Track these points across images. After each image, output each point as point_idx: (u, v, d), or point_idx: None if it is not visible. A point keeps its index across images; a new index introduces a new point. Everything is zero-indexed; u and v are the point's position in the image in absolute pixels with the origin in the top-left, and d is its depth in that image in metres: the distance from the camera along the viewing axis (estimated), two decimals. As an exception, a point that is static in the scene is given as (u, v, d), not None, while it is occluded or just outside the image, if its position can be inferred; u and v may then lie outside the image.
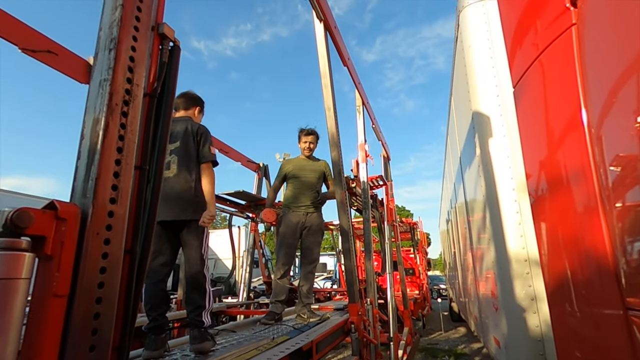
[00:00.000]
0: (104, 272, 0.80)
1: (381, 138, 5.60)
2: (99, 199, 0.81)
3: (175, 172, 2.18)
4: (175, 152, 2.22)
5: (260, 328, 2.83)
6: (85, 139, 0.85)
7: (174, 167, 2.20)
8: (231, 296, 7.03)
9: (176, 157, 2.21)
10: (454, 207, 6.18)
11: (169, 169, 2.18)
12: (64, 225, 0.74)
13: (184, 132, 2.28)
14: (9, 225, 0.65)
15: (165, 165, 2.15)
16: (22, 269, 0.66)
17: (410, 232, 10.22)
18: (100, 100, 0.86)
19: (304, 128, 3.47)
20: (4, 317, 0.62)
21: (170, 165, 2.19)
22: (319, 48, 2.90)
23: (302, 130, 3.48)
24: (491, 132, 2.46)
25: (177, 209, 2.12)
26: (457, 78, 3.69)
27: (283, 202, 3.38)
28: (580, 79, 1.33)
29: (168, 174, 2.17)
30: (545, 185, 1.75)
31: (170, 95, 1.08)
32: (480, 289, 3.64)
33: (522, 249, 2.21)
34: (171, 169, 2.19)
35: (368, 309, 3.24)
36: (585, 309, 1.36)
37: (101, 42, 0.92)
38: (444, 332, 8.86)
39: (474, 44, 2.61)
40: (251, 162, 5.69)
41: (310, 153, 3.47)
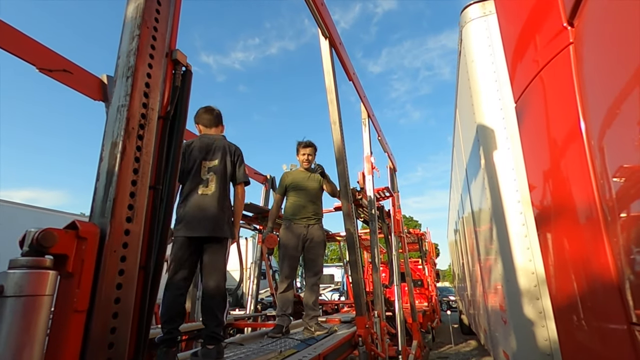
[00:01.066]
0: (120, 288, 0.85)
1: (387, 150, 5.64)
2: (116, 218, 0.85)
3: (213, 190, 2.25)
4: (214, 171, 2.29)
5: (267, 341, 2.84)
6: (103, 162, 0.90)
7: (212, 185, 2.26)
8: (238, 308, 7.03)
9: (215, 176, 2.28)
10: (461, 218, 6.15)
11: (207, 187, 2.25)
12: (85, 244, 0.78)
13: (223, 151, 2.36)
14: (35, 244, 0.70)
15: (203, 182, 2.24)
16: (47, 286, 0.70)
17: (418, 243, 10.15)
18: (118, 124, 0.92)
19: (302, 141, 3.52)
20: (29, 332, 0.66)
21: (208, 183, 2.25)
22: (325, 64, 2.97)
23: (299, 142, 3.52)
24: (495, 144, 2.48)
25: (211, 226, 2.18)
26: (461, 91, 3.73)
27: (284, 215, 3.39)
28: (579, 95, 1.36)
29: (206, 191, 2.23)
30: (548, 197, 1.76)
31: (183, 118, 1.14)
32: (489, 301, 3.60)
33: (529, 262, 2.21)
34: (209, 187, 2.25)
35: (376, 321, 3.23)
36: (591, 323, 1.36)
37: (119, 70, 0.98)
38: (454, 345, 8.71)
39: (476, 59, 2.66)
40: (258, 175, 5.76)
41: (309, 165, 3.50)
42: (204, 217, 2.16)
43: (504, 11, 2.07)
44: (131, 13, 1.02)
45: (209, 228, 2.17)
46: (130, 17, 1.02)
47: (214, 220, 2.19)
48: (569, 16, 1.38)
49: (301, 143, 3.51)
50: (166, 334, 1.97)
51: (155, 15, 1.05)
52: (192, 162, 2.27)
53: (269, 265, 6.59)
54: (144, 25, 1.01)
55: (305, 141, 3.51)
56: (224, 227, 2.22)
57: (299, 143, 3.53)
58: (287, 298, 3.17)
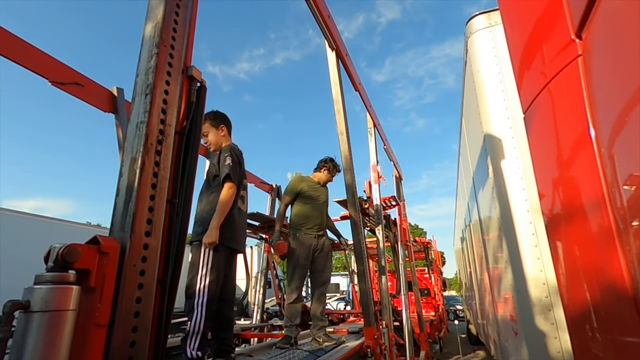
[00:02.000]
0: (139, 302, 0.86)
1: (393, 158, 5.65)
2: (136, 232, 0.87)
3: (245, 208, 2.41)
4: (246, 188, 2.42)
5: (276, 352, 2.83)
6: (123, 177, 0.92)
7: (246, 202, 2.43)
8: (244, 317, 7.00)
9: (246, 194, 2.43)
10: (468, 226, 6.11)
11: (244, 204, 2.39)
12: (106, 258, 0.80)
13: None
14: (60, 260, 0.72)
15: (241, 199, 2.33)
16: (70, 301, 0.72)
17: (424, 252, 10.08)
18: (137, 141, 0.94)
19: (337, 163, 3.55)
20: (55, 347, 0.68)
21: (245, 200, 2.39)
22: (331, 75, 3.00)
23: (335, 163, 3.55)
24: (503, 154, 2.48)
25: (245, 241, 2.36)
26: (467, 100, 3.75)
27: (292, 223, 3.35)
28: (588, 106, 1.37)
29: (243, 208, 2.37)
30: (559, 206, 1.76)
31: (198, 132, 1.16)
32: (498, 311, 3.56)
33: (539, 272, 2.19)
34: (245, 204, 2.40)
35: (384, 332, 3.21)
36: (606, 335, 1.35)
37: (138, 87, 1.01)
38: (462, 355, 8.57)
39: (483, 69, 2.67)
40: (264, 184, 5.79)
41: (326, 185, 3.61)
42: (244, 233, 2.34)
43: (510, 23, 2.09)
44: (149, 32, 1.05)
45: (244, 243, 2.35)
46: (149, 36, 1.05)
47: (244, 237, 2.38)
48: (577, 29, 1.39)
49: (337, 165, 3.55)
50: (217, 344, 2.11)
51: (172, 34, 1.08)
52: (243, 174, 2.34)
53: (275, 275, 6.57)
54: (162, 44, 1.04)
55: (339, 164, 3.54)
56: None
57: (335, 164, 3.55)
58: (296, 309, 3.16)
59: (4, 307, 0.66)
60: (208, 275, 1.99)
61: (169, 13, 1.08)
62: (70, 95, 3.12)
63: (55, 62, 3.03)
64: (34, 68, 2.81)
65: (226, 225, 2.11)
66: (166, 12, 1.07)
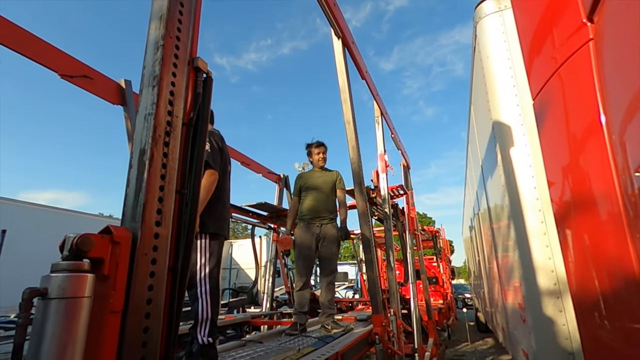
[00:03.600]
0: (151, 290, 0.88)
1: (400, 147, 5.61)
2: (146, 222, 0.89)
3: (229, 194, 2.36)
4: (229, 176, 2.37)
5: (285, 339, 2.88)
6: (133, 168, 0.94)
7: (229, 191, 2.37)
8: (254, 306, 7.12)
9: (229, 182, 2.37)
10: (477, 215, 6.08)
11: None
12: (118, 247, 0.82)
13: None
14: (74, 249, 0.74)
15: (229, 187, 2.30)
16: (86, 289, 0.74)
17: (433, 240, 10.08)
18: (145, 132, 0.96)
19: (312, 142, 3.59)
20: (72, 332, 0.70)
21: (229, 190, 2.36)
22: (338, 64, 2.98)
23: (310, 144, 3.59)
24: (513, 141, 2.45)
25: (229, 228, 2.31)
26: (475, 87, 3.69)
27: (299, 215, 3.45)
28: (599, 91, 1.34)
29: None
30: (569, 194, 1.74)
31: (205, 123, 1.17)
32: (507, 299, 3.57)
33: (548, 260, 2.18)
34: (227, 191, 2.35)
35: (392, 319, 3.24)
36: (614, 322, 1.35)
37: (145, 79, 1.02)
38: (470, 343, 8.63)
39: (492, 55, 2.62)
40: (272, 174, 5.82)
41: (324, 163, 3.58)
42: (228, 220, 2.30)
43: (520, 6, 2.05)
44: (155, 24, 1.06)
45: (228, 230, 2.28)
46: (154, 27, 1.05)
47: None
48: (588, 12, 1.36)
49: (312, 144, 3.58)
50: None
51: (178, 25, 1.09)
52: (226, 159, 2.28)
53: (284, 264, 6.65)
54: (168, 35, 1.04)
55: (316, 142, 3.58)
56: None
57: (310, 145, 3.60)
58: (304, 296, 3.21)
59: (23, 294, 0.69)
60: (208, 264, 2.01)
61: (174, 4, 1.08)
62: (79, 87, 3.16)
63: (64, 55, 3.05)
64: (43, 61, 2.84)
65: (221, 214, 2.13)
66: (171, 4, 1.07)
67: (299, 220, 3.39)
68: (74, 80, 3.13)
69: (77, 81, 3.17)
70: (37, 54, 2.84)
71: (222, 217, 2.15)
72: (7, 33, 2.40)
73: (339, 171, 3.61)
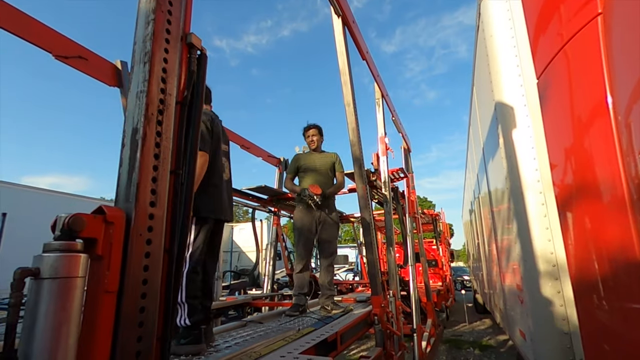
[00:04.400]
0: (147, 270, 0.88)
1: (401, 130, 5.56)
2: (140, 202, 0.88)
3: (228, 176, 2.32)
4: (226, 156, 2.33)
5: (285, 320, 2.92)
6: (125, 148, 0.92)
7: (227, 171, 2.31)
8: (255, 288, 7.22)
9: (228, 162, 2.33)
10: (477, 198, 6.08)
11: (225, 172, 2.28)
12: (112, 228, 0.81)
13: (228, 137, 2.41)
14: (66, 229, 0.73)
15: (222, 167, 2.25)
16: (79, 268, 0.73)
17: (433, 224, 10.12)
18: (137, 110, 0.93)
19: (305, 127, 3.64)
20: (65, 312, 0.70)
21: (225, 169, 2.29)
22: (338, 44, 2.91)
23: (304, 128, 3.64)
24: (515, 122, 2.41)
25: (230, 210, 2.27)
26: (478, 68, 3.61)
27: (297, 197, 3.44)
28: (606, 69, 1.30)
29: (225, 177, 2.28)
30: (571, 176, 1.72)
31: (199, 102, 1.14)
32: (505, 281, 3.60)
33: (548, 242, 2.18)
34: (226, 173, 2.30)
35: (391, 301, 3.27)
36: (613, 303, 1.35)
37: (136, 56, 0.99)
38: (468, 323, 8.79)
39: (496, 34, 2.55)
40: (272, 157, 5.79)
41: (315, 146, 3.57)
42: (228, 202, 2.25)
43: (527, -19, 1.97)
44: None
45: (230, 212, 2.26)
46: (145, 1, 1.01)
47: (230, 205, 2.28)
48: (598, -16, 1.30)
49: (304, 128, 3.63)
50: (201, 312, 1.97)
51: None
52: (217, 140, 2.21)
53: (284, 247, 6.70)
54: (159, 9, 1.00)
55: (307, 125, 3.62)
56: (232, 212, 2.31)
57: (303, 129, 3.65)
58: (304, 278, 3.24)
59: (14, 273, 0.68)
60: (190, 246, 1.98)
61: (165, -24, 1.04)
62: (75, 69, 3.10)
63: (58, 35, 2.98)
64: (37, 42, 2.78)
65: (211, 196, 2.08)
66: (162, -25, 1.02)
67: (299, 202, 3.38)
68: (68, 61, 3.07)
69: (72, 62, 3.10)
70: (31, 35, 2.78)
71: (212, 199, 2.09)
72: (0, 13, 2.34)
73: (337, 153, 3.60)
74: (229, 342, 1.99)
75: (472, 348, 6.20)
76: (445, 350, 6.22)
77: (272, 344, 1.96)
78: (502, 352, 5.93)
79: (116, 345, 0.79)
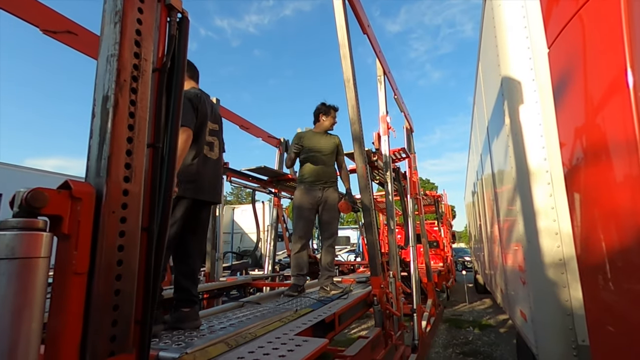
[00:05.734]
0: (122, 250, 0.81)
1: (404, 109, 5.42)
2: (112, 177, 0.80)
3: (217, 156, 2.22)
4: (217, 135, 2.24)
5: (283, 300, 2.91)
6: (96, 117, 0.84)
7: (217, 150, 2.22)
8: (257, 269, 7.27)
9: (217, 140, 2.23)
10: (480, 179, 5.99)
11: (213, 151, 2.19)
12: (79, 204, 0.74)
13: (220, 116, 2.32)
14: (25, 205, 0.66)
15: (209, 146, 2.16)
16: (41, 248, 0.67)
17: (435, 205, 10.08)
18: (108, 76, 0.84)
19: (332, 105, 3.46)
20: (27, 294, 0.64)
21: (213, 148, 2.20)
22: (337, 15, 2.76)
23: (331, 106, 3.46)
24: (522, 98, 2.29)
25: (215, 191, 2.18)
26: (485, 41, 3.45)
27: (299, 177, 3.39)
28: (627, 37, 1.19)
29: (212, 156, 2.19)
30: (582, 154, 1.63)
31: (181, 70, 1.05)
32: (507, 261, 3.55)
33: (553, 222, 2.11)
34: (215, 152, 2.21)
35: (391, 281, 3.25)
36: (622, 284, 1.29)
37: (106, 16, 0.89)
38: (468, 303, 8.86)
39: (504, 2, 2.40)
40: (272, 138, 5.70)
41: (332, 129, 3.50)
42: (213, 182, 2.15)
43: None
44: (115, -51, 0.91)
45: (215, 194, 2.17)
46: (114, -47, 0.91)
47: (218, 186, 2.20)
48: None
49: (333, 107, 3.46)
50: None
51: (142, -49, 0.94)
52: (203, 118, 2.11)
53: (285, 228, 6.70)
54: (130, -38, 0.90)
55: (333, 106, 3.46)
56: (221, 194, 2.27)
57: (331, 106, 3.46)
58: (302, 258, 3.21)
59: (-36, 253, 0.62)
60: None
61: None
62: (64, 44, 2.98)
63: (46, 9, 2.86)
64: (24, 16, 2.66)
65: (188, 175, 1.99)
66: None
67: (300, 183, 3.33)
68: (57, 36, 2.95)
69: (60, 37, 2.99)
70: (17, 7, 2.66)
71: (193, 178, 2.01)
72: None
73: (339, 136, 3.52)
74: (224, 323, 1.97)
75: (472, 327, 6.25)
76: (445, 330, 6.28)
77: (269, 325, 1.93)
78: (501, 331, 5.97)
79: (88, 329, 0.73)
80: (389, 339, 2.83)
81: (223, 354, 1.47)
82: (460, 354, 4.85)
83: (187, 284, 1.97)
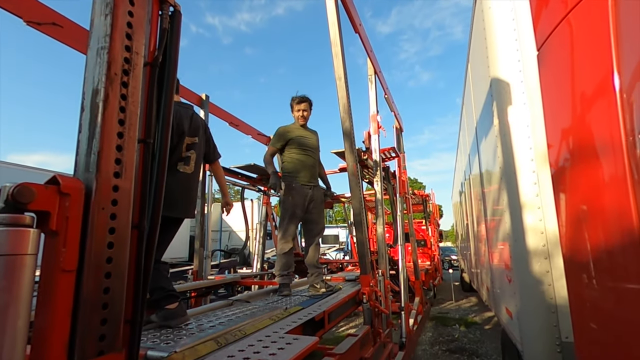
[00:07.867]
0: (111, 247, 0.79)
1: (394, 109, 5.45)
2: (102, 173, 0.78)
3: (192, 170, 2.17)
4: (195, 149, 2.19)
5: (273, 298, 2.89)
6: (85, 111, 0.82)
7: (193, 164, 2.17)
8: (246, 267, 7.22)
9: (195, 154, 2.18)
10: (467, 179, 6.07)
11: (188, 165, 2.14)
12: (68, 200, 0.72)
13: (202, 128, 2.28)
14: (11, 200, 0.64)
15: (184, 161, 2.11)
16: (28, 245, 0.65)
17: (423, 204, 10.18)
18: (98, 69, 0.82)
19: (295, 96, 3.32)
20: (11, 292, 0.62)
21: (189, 162, 2.15)
22: (329, 13, 2.76)
23: (293, 98, 3.32)
24: (511, 99, 2.33)
25: (188, 207, 2.15)
26: (475, 43, 3.50)
27: (286, 172, 3.26)
28: (614, 40, 1.22)
29: (186, 170, 2.13)
30: (569, 155, 1.66)
31: (173, 65, 1.03)
32: (493, 260, 3.61)
33: (539, 221, 2.15)
34: (190, 166, 2.15)
35: (380, 280, 3.27)
36: (607, 282, 1.32)
37: (96, 7, 0.87)
38: (454, 301, 8.99)
39: (494, 4, 2.43)
40: (261, 135, 5.66)
41: (304, 122, 3.35)
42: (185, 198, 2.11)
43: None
44: (106, -61, 0.89)
45: (185, 210, 2.13)
46: (105, -57, 0.88)
47: (192, 203, 2.18)
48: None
49: (295, 99, 3.31)
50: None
51: (134, -58, 0.92)
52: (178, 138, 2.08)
53: (274, 226, 6.67)
54: (122, -47, 0.88)
55: (299, 96, 3.31)
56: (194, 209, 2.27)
57: (293, 99, 3.33)
58: (291, 257, 3.20)
59: (-54, 250, 0.59)
60: None
61: None
62: (48, 36, 2.90)
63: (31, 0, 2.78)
64: (6, 6, 2.58)
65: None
66: None
67: (287, 177, 3.23)
68: (41, 28, 2.87)
69: (45, 29, 2.91)
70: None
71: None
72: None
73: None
74: (213, 322, 1.95)
75: (458, 325, 6.34)
76: (432, 327, 6.36)
77: (258, 323, 1.92)
78: (486, 329, 6.08)
79: (76, 328, 0.72)
80: (378, 336, 2.85)
81: (213, 352, 1.46)
82: (447, 351, 4.91)
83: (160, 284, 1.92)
